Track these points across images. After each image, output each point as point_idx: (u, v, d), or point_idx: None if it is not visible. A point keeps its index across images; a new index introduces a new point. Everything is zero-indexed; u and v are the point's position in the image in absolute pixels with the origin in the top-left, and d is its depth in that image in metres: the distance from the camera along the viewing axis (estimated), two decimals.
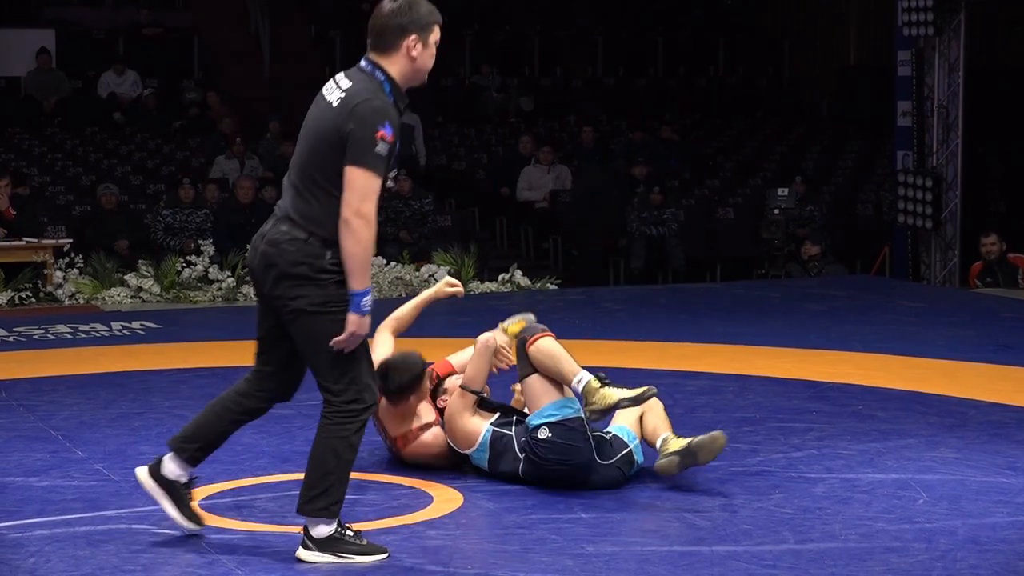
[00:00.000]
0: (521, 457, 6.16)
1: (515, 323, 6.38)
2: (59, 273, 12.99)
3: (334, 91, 5.35)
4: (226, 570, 5.22)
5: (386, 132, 5.20)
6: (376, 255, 12.68)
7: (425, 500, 6.12)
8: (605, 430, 6.31)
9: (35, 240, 13.14)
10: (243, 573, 5.18)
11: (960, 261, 14.47)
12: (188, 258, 13.36)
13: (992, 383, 8.70)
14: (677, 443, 6.19)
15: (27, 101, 19.17)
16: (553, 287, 13.72)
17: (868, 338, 10.31)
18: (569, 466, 6.07)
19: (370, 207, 5.17)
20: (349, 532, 5.33)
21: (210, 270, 13.14)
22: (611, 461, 6.17)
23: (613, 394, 6.07)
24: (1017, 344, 10.06)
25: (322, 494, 5.24)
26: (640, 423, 6.38)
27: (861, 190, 18.91)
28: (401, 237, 14.95)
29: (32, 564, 5.29)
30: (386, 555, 5.33)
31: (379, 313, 6.96)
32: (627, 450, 6.23)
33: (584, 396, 6.13)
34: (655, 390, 6.13)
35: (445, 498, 6.13)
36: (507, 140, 19.75)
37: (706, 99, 22.25)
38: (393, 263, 13.29)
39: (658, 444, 6.27)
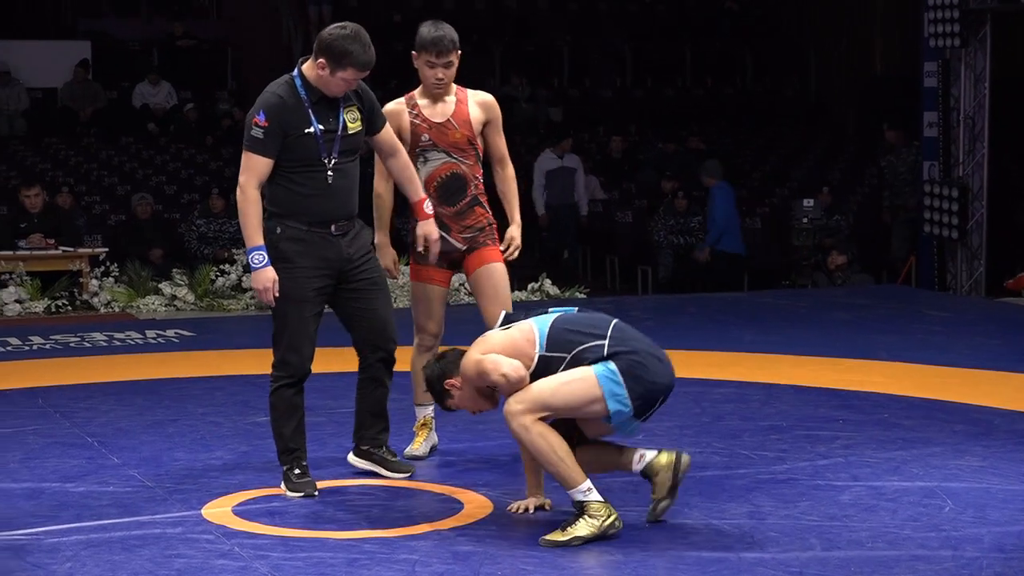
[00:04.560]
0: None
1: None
2: (95, 282, 13.06)
3: None
4: (258, 575, 5.24)
5: (258, 118, 6.16)
6: (406, 264, 12.69)
7: (456, 507, 6.13)
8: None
9: (71, 249, 13.22)
10: None
11: (986, 271, 14.42)
12: (221, 267, 13.41)
13: (1018, 392, 8.67)
14: (659, 487, 5.80)
15: (64, 112, 19.28)
16: (582, 296, 13.75)
17: (894, 347, 10.29)
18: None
19: (245, 179, 6.13)
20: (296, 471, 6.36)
21: (243, 278, 13.19)
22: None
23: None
24: None
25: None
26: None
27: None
28: None
29: (68, 569, 5.32)
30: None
31: (404, 323, 6.97)
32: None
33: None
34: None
35: (476, 505, 6.14)
36: (537, 150, 19.76)
37: (733, 109, 22.22)
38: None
39: (636, 467, 5.83)
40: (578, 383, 5.62)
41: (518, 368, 5.65)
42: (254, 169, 6.16)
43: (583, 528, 5.59)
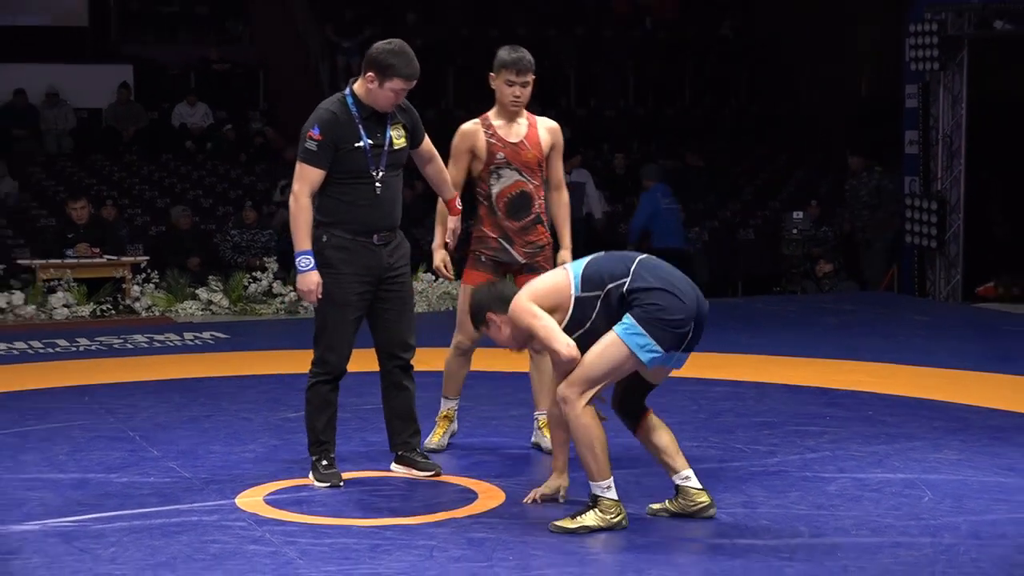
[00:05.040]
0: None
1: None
2: (136, 288, 13.09)
3: None
4: (287, 559, 5.26)
5: (313, 132, 6.17)
6: (426, 271, 12.73)
7: (471, 496, 6.15)
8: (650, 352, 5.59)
9: (115, 257, 13.26)
10: (304, 563, 5.22)
11: (963, 278, 14.41)
12: (254, 274, 13.43)
13: (993, 391, 8.67)
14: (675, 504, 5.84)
15: (108, 131, 19.32)
16: None
17: (878, 349, 10.29)
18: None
19: (298, 187, 6.17)
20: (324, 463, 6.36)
21: (274, 285, 13.21)
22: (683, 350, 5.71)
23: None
24: (1017, 354, 10.02)
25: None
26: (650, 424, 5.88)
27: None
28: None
29: (112, 553, 5.35)
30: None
31: (423, 327, 6.97)
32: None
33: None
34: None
35: (489, 495, 6.16)
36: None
37: (729, 128, 22.20)
38: (440, 278, 13.31)
39: (677, 480, 5.82)
40: (609, 350, 5.56)
41: (571, 348, 5.59)
42: (307, 179, 6.18)
43: (592, 519, 5.60)
